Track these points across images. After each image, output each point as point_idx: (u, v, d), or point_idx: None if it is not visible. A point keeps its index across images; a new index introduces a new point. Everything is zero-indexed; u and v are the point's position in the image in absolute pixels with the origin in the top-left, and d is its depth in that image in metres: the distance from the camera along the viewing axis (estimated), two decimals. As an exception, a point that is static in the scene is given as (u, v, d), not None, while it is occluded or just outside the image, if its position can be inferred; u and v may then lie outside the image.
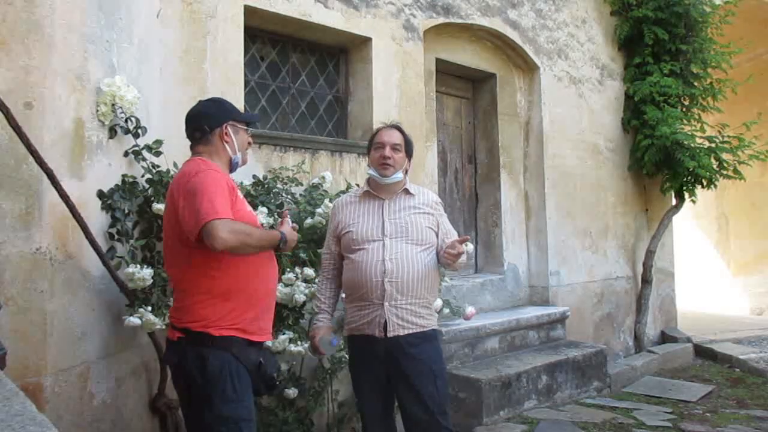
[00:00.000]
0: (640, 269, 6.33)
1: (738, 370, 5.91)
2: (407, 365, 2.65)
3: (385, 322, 2.65)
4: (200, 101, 2.49)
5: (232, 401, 2.17)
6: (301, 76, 4.24)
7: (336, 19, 4.04)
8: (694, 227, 9.79)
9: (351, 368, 2.95)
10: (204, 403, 2.16)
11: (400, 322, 2.65)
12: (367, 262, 2.69)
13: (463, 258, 2.69)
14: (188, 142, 3.14)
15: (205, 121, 2.31)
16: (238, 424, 2.17)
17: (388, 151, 2.73)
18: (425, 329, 2.70)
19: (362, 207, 2.80)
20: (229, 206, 2.15)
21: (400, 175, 2.75)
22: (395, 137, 2.77)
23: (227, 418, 2.16)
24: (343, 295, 2.88)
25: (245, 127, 2.42)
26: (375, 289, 2.66)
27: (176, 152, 3.17)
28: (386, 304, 2.65)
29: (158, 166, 2.98)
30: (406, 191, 2.81)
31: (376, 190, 2.79)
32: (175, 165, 3.05)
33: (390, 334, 2.64)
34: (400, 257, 2.66)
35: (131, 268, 2.71)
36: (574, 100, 5.83)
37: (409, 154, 2.82)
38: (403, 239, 2.69)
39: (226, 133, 2.32)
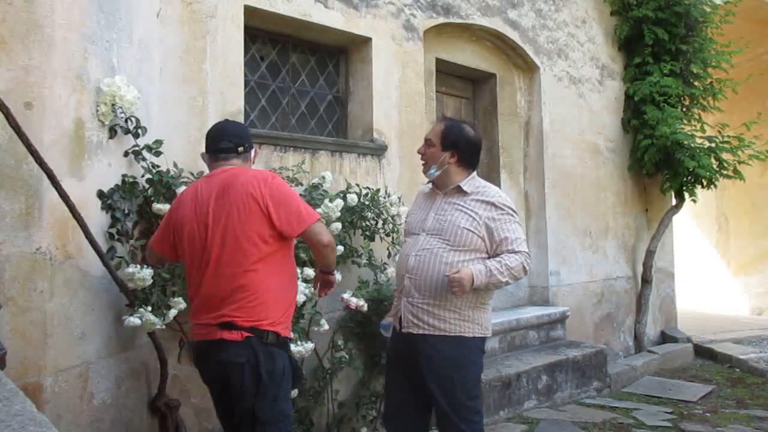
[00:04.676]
0: (640, 269, 6.33)
1: (738, 370, 5.91)
2: (425, 367, 2.61)
3: (401, 317, 2.66)
4: (233, 121, 2.69)
5: (288, 399, 2.43)
6: (301, 76, 4.24)
7: (336, 19, 4.04)
8: (694, 227, 9.79)
9: (387, 357, 2.99)
10: (268, 401, 2.30)
11: (414, 320, 2.61)
12: (402, 255, 2.73)
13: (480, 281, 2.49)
14: (188, 142, 3.17)
15: (247, 140, 2.54)
16: (289, 419, 2.42)
17: (421, 148, 2.74)
18: (449, 334, 2.58)
19: (425, 199, 2.82)
20: None
21: (433, 171, 2.70)
22: (431, 132, 2.74)
23: (286, 415, 2.39)
24: None
25: None
26: (401, 282, 2.69)
27: (176, 152, 3.17)
28: (404, 299, 2.65)
29: (158, 166, 2.98)
30: (459, 188, 2.69)
31: (436, 185, 2.78)
32: (175, 165, 3.06)
33: (404, 330, 2.64)
34: (425, 255, 2.61)
35: (131, 268, 2.71)
36: (574, 100, 5.83)
37: (450, 146, 2.67)
38: (437, 237, 2.62)
39: (256, 154, 2.65)
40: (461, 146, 2.71)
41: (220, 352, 2.30)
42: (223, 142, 2.47)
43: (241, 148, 2.49)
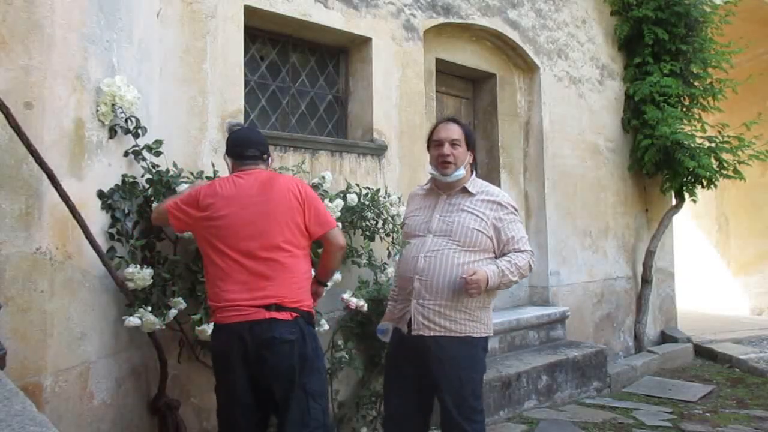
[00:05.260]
0: (640, 269, 6.33)
1: (738, 370, 5.91)
2: (433, 367, 2.60)
3: (411, 319, 2.62)
4: (254, 130, 2.96)
5: None
6: (301, 76, 4.24)
7: (336, 19, 4.04)
8: (694, 227, 9.79)
9: (385, 360, 2.95)
10: (316, 375, 2.55)
11: (425, 322, 2.60)
12: (407, 257, 2.70)
13: (493, 280, 2.53)
14: (188, 142, 3.20)
15: (268, 148, 2.79)
16: (326, 389, 2.75)
17: (446, 149, 2.68)
18: (459, 334, 2.60)
19: (423, 200, 2.81)
20: None
21: (461, 171, 2.68)
22: (454, 132, 2.70)
23: (326, 386, 2.74)
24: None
25: None
26: (408, 284, 2.66)
27: (176, 152, 3.17)
28: (414, 301, 2.62)
29: (158, 166, 2.98)
30: (465, 189, 2.71)
31: (437, 186, 2.77)
32: (174, 165, 3.06)
33: (413, 333, 2.61)
34: (435, 256, 2.60)
35: (131, 268, 2.71)
36: (574, 100, 5.83)
37: (471, 146, 2.73)
38: (446, 238, 2.62)
39: (272, 161, 2.86)
40: (475, 147, 2.81)
41: (271, 329, 2.46)
42: (251, 150, 2.68)
43: (265, 155, 2.74)
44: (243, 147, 2.69)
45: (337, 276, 3.40)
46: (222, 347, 2.55)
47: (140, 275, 2.70)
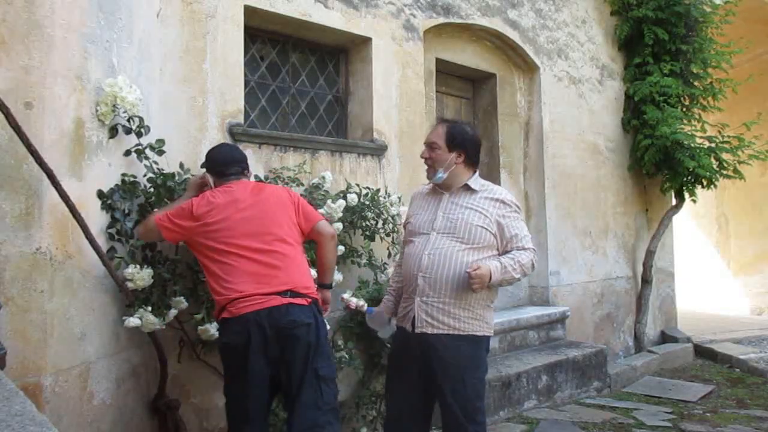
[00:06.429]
0: (640, 269, 6.33)
1: (738, 370, 5.91)
2: (437, 367, 2.60)
3: (414, 317, 2.62)
4: (234, 147, 3.07)
5: None
6: (301, 76, 4.24)
7: (336, 19, 4.04)
8: (694, 227, 9.79)
9: (388, 359, 2.97)
10: (326, 360, 2.62)
11: (428, 320, 2.60)
12: (411, 255, 2.69)
13: (494, 277, 2.53)
14: (188, 142, 3.25)
15: (247, 162, 2.95)
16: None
17: (424, 152, 2.73)
18: (462, 333, 2.60)
19: (426, 199, 2.81)
20: None
21: (440, 174, 2.68)
22: (433, 135, 2.73)
23: (335, 371, 2.78)
24: None
25: None
26: (412, 282, 2.66)
27: (176, 152, 3.17)
28: (417, 299, 2.62)
29: (162, 169, 2.98)
30: (467, 186, 2.72)
31: (438, 185, 2.77)
32: (181, 166, 3.07)
33: (417, 330, 2.61)
34: (440, 253, 2.60)
35: (131, 268, 2.71)
36: (574, 100, 5.83)
37: (457, 146, 2.69)
38: (449, 236, 2.62)
39: (250, 173, 2.98)
40: (467, 145, 2.75)
41: (289, 313, 2.53)
42: (234, 167, 2.82)
43: (246, 171, 2.88)
44: (226, 166, 2.82)
45: (338, 276, 3.40)
46: (236, 340, 2.52)
47: (140, 275, 2.71)
